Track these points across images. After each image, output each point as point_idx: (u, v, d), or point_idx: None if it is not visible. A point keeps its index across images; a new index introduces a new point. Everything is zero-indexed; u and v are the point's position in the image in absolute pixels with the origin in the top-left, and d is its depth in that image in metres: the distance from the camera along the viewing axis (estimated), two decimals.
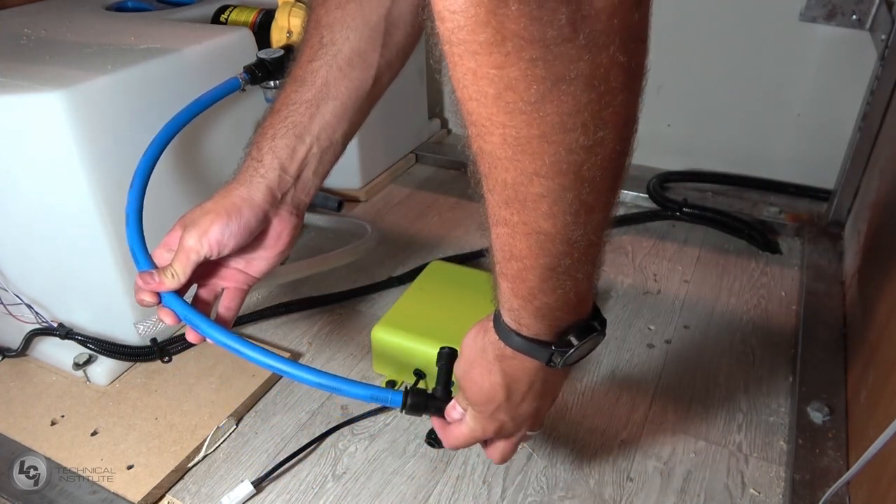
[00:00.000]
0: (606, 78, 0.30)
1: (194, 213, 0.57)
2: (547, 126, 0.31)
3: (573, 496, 0.61)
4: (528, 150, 0.33)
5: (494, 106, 0.31)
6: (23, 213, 0.69)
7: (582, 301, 0.43)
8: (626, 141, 0.34)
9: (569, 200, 0.35)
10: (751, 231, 0.98)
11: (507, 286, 0.42)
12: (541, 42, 0.28)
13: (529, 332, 0.43)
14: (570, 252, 0.38)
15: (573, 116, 0.31)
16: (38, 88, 0.61)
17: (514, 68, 0.29)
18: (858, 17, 0.87)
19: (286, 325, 0.84)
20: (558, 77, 0.30)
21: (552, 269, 0.38)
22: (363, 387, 0.51)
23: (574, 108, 0.31)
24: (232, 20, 0.88)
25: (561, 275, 0.39)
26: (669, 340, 0.80)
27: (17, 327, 0.74)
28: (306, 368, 0.51)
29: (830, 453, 0.62)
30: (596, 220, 0.37)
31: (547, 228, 0.36)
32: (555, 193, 0.34)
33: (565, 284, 0.40)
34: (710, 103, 1.13)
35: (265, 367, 0.51)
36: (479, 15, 0.28)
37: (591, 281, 0.42)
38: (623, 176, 0.36)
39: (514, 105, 0.31)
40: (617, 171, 0.35)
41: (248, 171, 0.58)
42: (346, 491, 0.62)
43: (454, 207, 1.10)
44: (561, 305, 0.41)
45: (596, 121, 0.32)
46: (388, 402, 0.52)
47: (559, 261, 0.38)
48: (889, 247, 0.70)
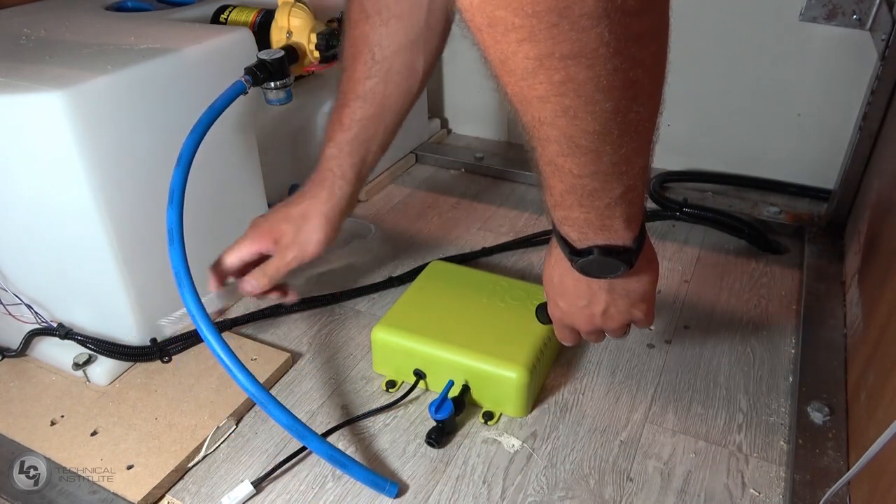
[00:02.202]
0: (595, 53, 0.34)
1: (286, 226, 0.69)
2: (545, 92, 0.36)
3: (573, 496, 0.61)
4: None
5: (500, 69, 0.36)
6: (23, 213, 0.69)
7: (605, 227, 0.47)
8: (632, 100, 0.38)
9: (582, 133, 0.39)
10: (751, 231, 0.98)
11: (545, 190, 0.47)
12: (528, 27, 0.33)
13: (563, 233, 0.49)
14: (574, 183, 0.43)
15: (566, 83, 0.35)
16: (39, 88, 0.61)
17: (504, 44, 0.34)
18: (859, 17, 0.87)
19: (286, 325, 0.84)
20: (544, 54, 0.34)
21: (567, 192, 0.44)
22: (365, 472, 0.60)
23: (566, 78, 0.35)
24: (232, 20, 0.88)
25: (579, 196, 0.44)
26: (669, 340, 0.80)
27: (16, 327, 0.74)
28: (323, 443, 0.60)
29: (830, 453, 0.62)
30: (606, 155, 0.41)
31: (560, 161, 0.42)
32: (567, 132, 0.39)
33: (581, 204, 0.45)
34: (710, 103, 1.13)
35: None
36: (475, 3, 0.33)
37: (613, 210, 0.45)
38: (635, 133, 0.40)
39: (513, 77, 0.36)
40: (621, 127, 0.39)
41: (328, 182, 0.69)
42: (345, 491, 0.62)
43: (454, 207, 1.10)
44: (582, 223, 0.47)
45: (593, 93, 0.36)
46: (385, 491, 0.60)
47: (572, 184, 0.43)
48: (889, 247, 0.70)
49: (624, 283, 0.53)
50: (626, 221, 0.47)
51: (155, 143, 0.70)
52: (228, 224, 0.85)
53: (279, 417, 0.59)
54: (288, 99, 0.81)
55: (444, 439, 0.67)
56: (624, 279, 0.53)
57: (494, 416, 0.69)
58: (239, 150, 0.83)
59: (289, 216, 0.70)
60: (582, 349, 0.78)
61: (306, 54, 0.82)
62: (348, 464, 0.60)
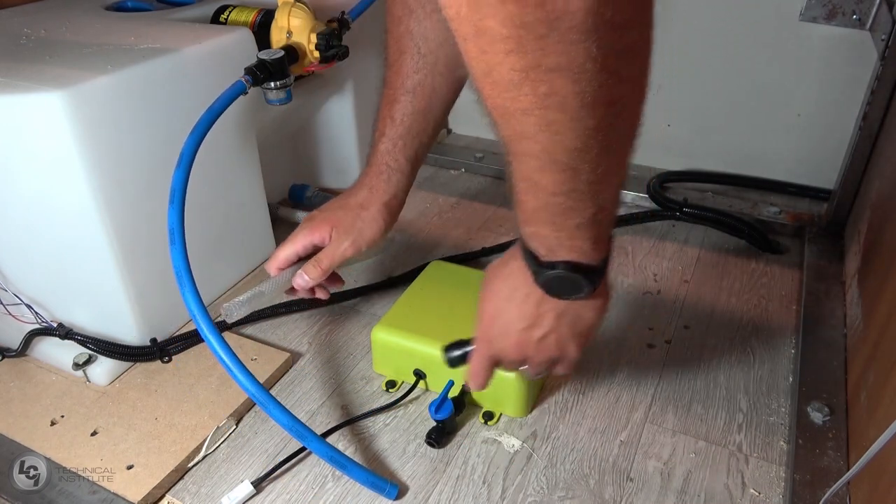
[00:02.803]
0: (582, 68, 0.34)
1: (342, 214, 0.69)
2: (529, 105, 0.36)
3: (573, 496, 0.61)
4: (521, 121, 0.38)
5: (484, 80, 0.36)
6: (23, 213, 0.69)
7: (574, 247, 0.47)
8: (607, 117, 0.38)
9: (545, 160, 0.40)
10: (751, 231, 0.98)
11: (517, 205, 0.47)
12: (515, 37, 0.33)
13: (531, 247, 0.49)
14: (548, 201, 0.43)
15: (551, 97, 0.35)
16: (39, 88, 0.61)
17: (491, 54, 0.34)
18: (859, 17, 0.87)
19: (286, 325, 0.84)
20: (530, 66, 0.34)
21: (539, 209, 0.44)
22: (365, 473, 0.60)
23: (551, 91, 0.35)
24: (232, 20, 0.88)
25: (551, 214, 0.44)
26: (669, 340, 0.80)
27: (16, 327, 0.74)
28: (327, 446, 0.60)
29: (830, 453, 0.62)
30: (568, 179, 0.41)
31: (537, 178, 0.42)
32: (542, 158, 0.40)
33: (553, 222, 0.45)
34: (710, 103, 1.13)
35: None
36: (462, 12, 0.33)
37: (584, 231, 0.45)
38: (614, 151, 0.40)
39: (497, 89, 0.36)
40: (600, 144, 0.39)
41: (385, 175, 0.70)
42: (345, 491, 0.62)
43: (454, 207, 1.10)
44: (551, 241, 0.47)
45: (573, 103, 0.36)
46: (385, 492, 0.60)
47: (546, 202, 0.43)
48: (889, 247, 0.70)
49: (577, 308, 0.52)
50: (595, 242, 0.47)
51: (155, 143, 0.70)
52: (228, 224, 0.85)
53: (279, 418, 0.59)
54: (288, 99, 0.81)
55: (444, 439, 0.67)
56: (578, 304, 0.51)
57: (494, 416, 0.69)
58: (239, 150, 0.83)
59: (346, 206, 0.70)
60: None
61: (306, 54, 0.82)
62: (348, 465, 0.60)
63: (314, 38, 0.81)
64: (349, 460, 0.60)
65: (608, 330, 0.81)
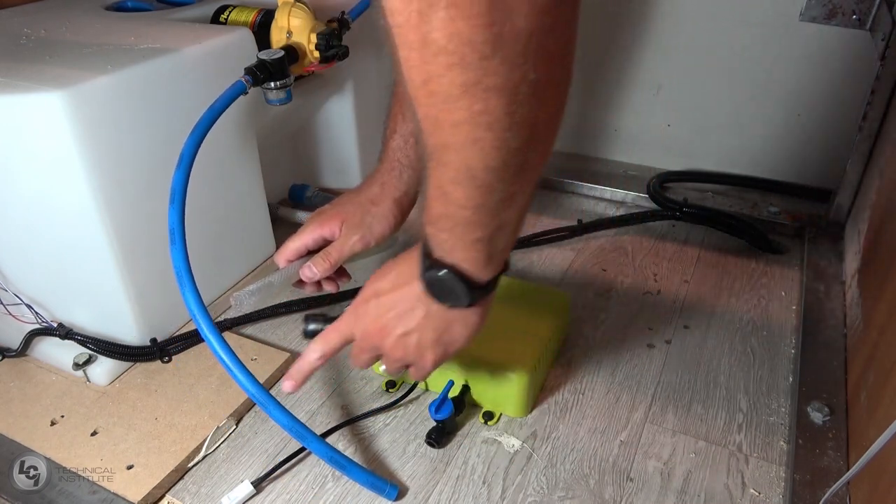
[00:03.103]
0: (517, 90, 0.35)
1: (353, 208, 0.69)
2: (461, 119, 0.37)
3: (573, 496, 0.61)
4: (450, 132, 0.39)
5: (421, 89, 0.37)
6: (23, 213, 0.69)
7: (467, 258, 0.47)
8: (531, 141, 0.39)
9: (462, 177, 0.41)
10: (751, 231, 0.98)
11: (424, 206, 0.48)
12: (458, 53, 0.33)
13: (427, 243, 0.49)
14: (454, 212, 0.44)
15: (483, 114, 0.36)
16: (39, 88, 0.61)
17: (433, 66, 0.35)
18: (858, 17, 0.87)
19: (286, 325, 0.83)
20: (471, 82, 0.35)
21: (444, 217, 0.45)
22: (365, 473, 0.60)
23: (484, 109, 0.36)
24: (232, 20, 0.88)
25: (453, 224, 0.45)
26: (669, 340, 0.80)
27: (16, 327, 0.74)
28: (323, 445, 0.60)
29: (830, 453, 0.62)
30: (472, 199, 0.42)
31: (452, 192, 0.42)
32: (461, 173, 0.40)
33: (454, 230, 0.45)
34: (710, 103, 1.13)
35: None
36: (412, 21, 0.34)
37: (480, 246, 0.46)
38: (526, 174, 0.42)
39: (433, 99, 0.37)
40: (517, 166, 0.40)
41: (397, 172, 0.69)
42: (345, 491, 0.62)
43: None
44: (447, 246, 0.47)
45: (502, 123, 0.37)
46: (385, 493, 0.60)
47: (452, 212, 0.44)
48: (889, 247, 0.70)
49: (449, 318, 0.52)
50: (489, 258, 0.47)
51: (155, 143, 0.70)
52: (228, 224, 0.85)
53: (279, 418, 0.59)
54: (288, 99, 0.81)
55: (444, 439, 0.67)
56: (451, 315, 0.52)
57: (494, 416, 0.69)
58: (239, 150, 0.83)
59: (356, 201, 0.70)
60: (582, 349, 0.78)
61: (306, 54, 0.82)
62: (348, 465, 0.60)
63: (314, 38, 0.81)
64: (349, 461, 0.60)
65: (608, 330, 0.82)
